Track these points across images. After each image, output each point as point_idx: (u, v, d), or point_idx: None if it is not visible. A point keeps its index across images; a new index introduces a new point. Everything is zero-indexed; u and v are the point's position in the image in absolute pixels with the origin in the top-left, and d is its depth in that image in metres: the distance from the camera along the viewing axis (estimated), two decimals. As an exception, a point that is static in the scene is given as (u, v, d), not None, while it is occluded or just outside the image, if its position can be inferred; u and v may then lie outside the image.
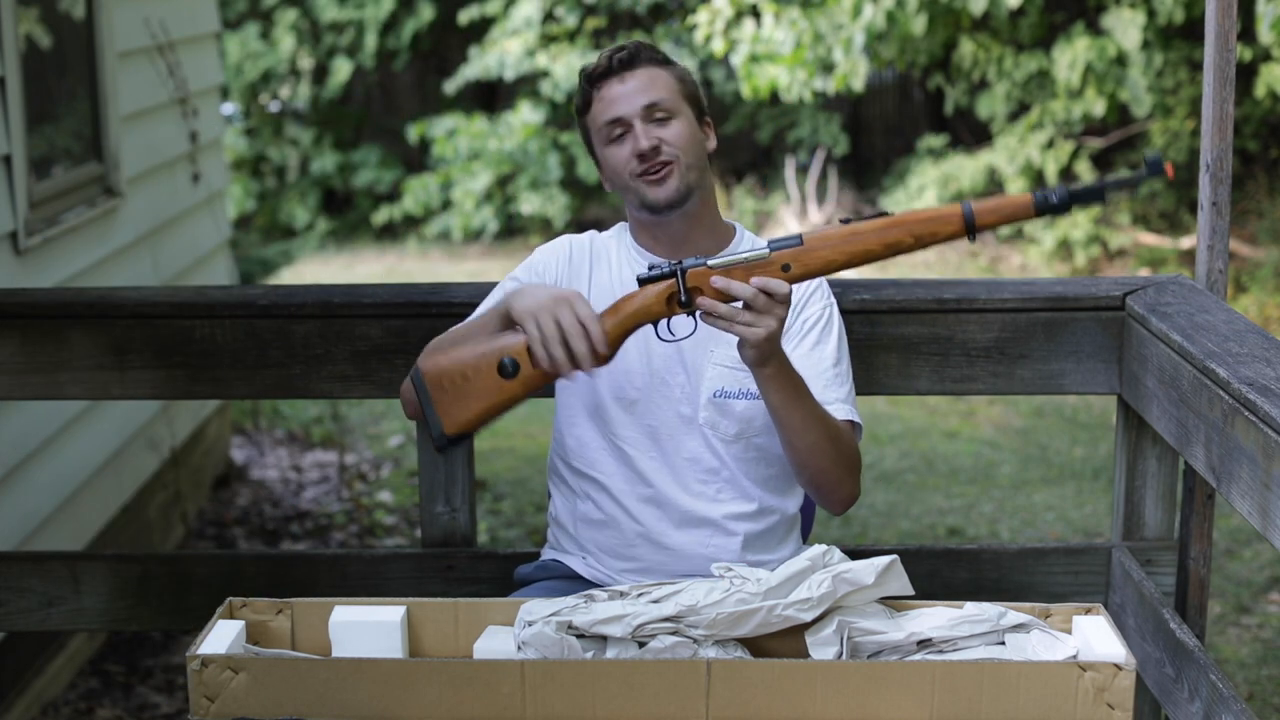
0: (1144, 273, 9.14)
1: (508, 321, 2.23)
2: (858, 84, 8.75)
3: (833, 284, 2.67)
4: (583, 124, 2.40)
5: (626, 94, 2.32)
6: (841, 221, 2.16)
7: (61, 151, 4.53)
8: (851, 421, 2.36)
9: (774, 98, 10.18)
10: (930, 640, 2.06)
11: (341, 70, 11.62)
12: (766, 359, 2.17)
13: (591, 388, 2.39)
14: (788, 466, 2.46)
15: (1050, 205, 2.07)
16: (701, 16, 8.71)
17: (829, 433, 2.28)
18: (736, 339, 2.17)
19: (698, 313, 2.17)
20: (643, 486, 2.39)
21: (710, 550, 2.38)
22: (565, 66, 10.76)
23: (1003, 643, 2.07)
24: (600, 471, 2.41)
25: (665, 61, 2.38)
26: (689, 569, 2.35)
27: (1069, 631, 2.08)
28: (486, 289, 2.82)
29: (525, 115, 11.00)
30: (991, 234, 10.54)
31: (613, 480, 2.40)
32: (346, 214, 12.11)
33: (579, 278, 2.41)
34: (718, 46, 8.69)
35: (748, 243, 2.44)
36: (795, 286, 2.38)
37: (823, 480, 2.32)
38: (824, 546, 2.12)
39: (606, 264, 2.43)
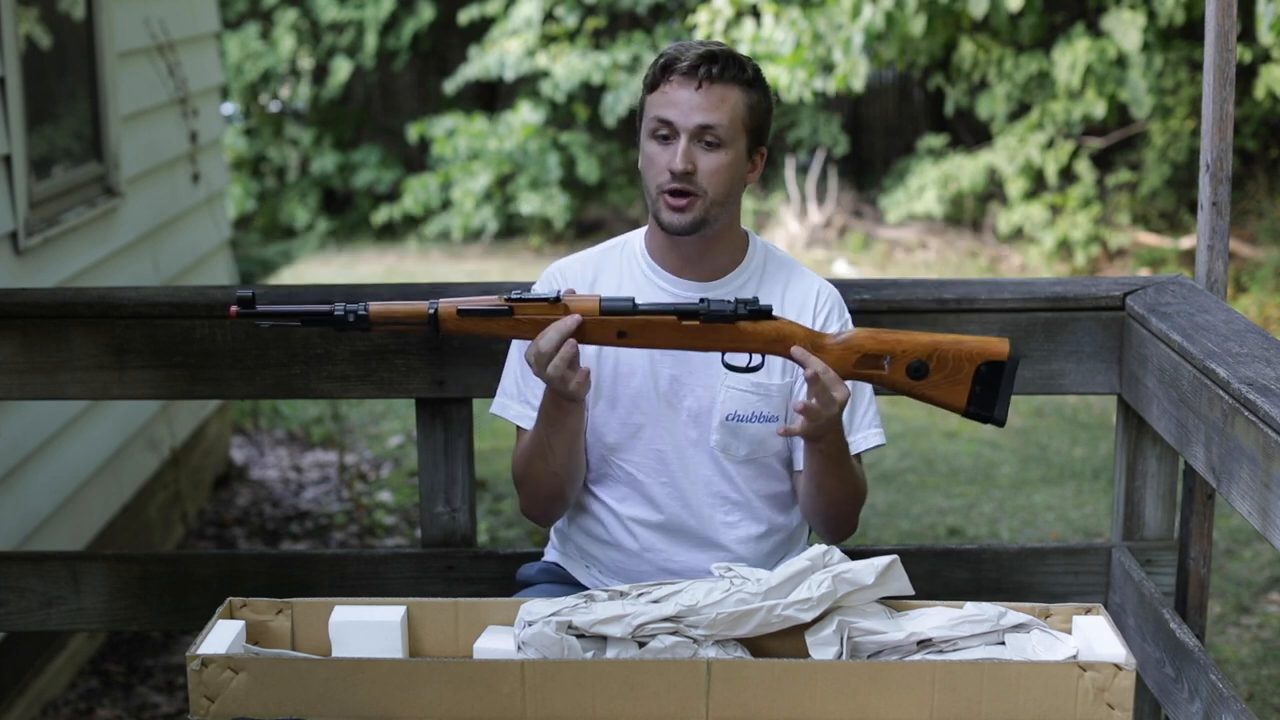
0: (1144, 273, 9.14)
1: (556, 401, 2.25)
2: (858, 84, 8.74)
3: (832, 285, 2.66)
4: (641, 98, 2.31)
5: (690, 104, 2.22)
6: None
7: (61, 151, 4.53)
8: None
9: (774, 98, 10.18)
10: (930, 640, 2.06)
11: (341, 70, 11.62)
12: (824, 435, 2.21)
13: (598, 417, 2.37)
14: (792, 487, 2.45)
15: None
16: (701, 16, 8.70)
17: (855, 486, 2.33)
18: (797, 411, 2.20)
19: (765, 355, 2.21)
20: (652, 512, 2.38)
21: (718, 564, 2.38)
22: (565, 66, 10.76)
23: (1003, 643, 2.07)
24: (610, 496, 2.40)
25: (750, 82, 2.26)
26: None
27: (1069, 631, 2.08)
28: (487, 289, 2.82)
29: (525, 115, 11.00)
30: (991, 233, 10.54)
31: (621, 505, 2.39)
32: (346, 214, 12.10)
33: (600, 292, 2.37)
34: (718, 46, 8.67)
35: (760, 253, 2.40)
36: (813, 304, 2.38)
37: (831, 521, 2.38)
38: (824, 546, 2.12)
39: (613, 277, 2.38)
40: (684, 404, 2.35)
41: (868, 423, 2.40)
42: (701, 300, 2.17)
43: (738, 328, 2.17)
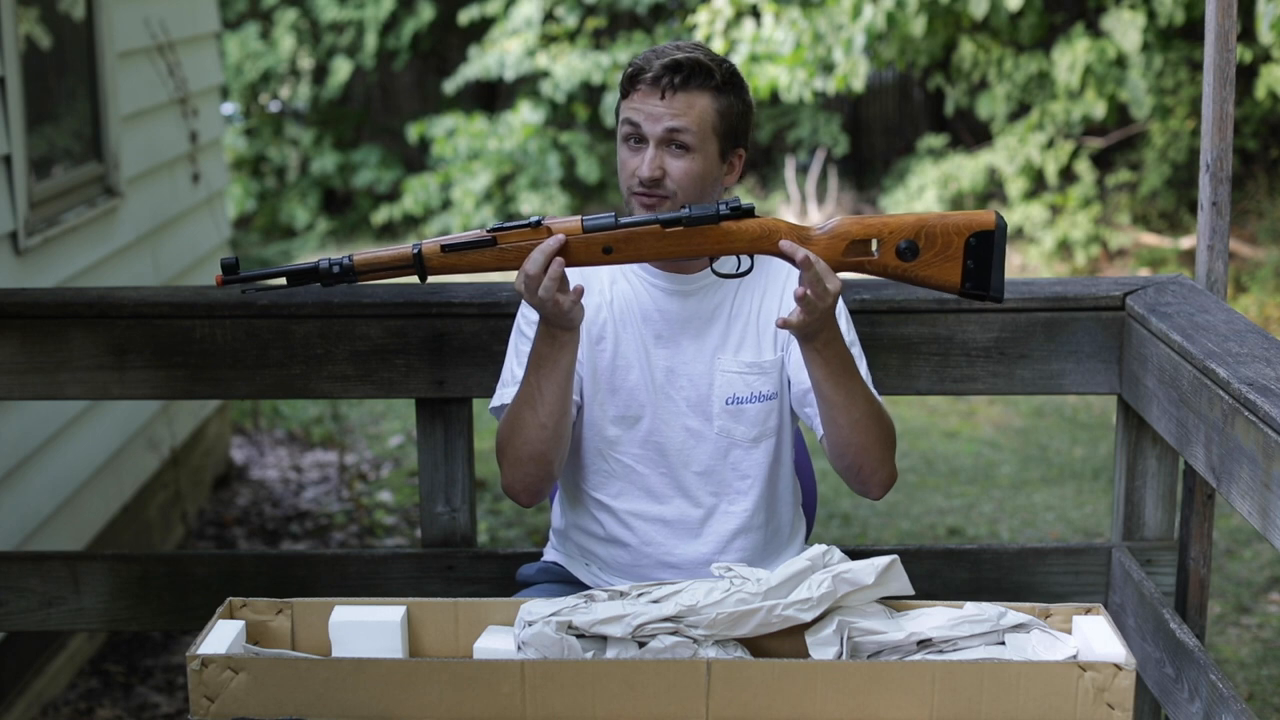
0: (1144, 273, 9.14)
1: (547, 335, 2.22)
2: (858, 84, 8.75)
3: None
4: (618, 103, 2.34)
5: (656, 112, 2.25)
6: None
7: (61, 151, 4.53)
8: None
9: (774, 98, 10.17)
10: (930, 640, 2.06)
11: (341, 70, 11.62)
12: (818, 331, 2.16)
13: (595, 410, 2.37)
14: (792, 472, 2.46)
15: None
16: (701, 16, 8.70)
17: (872, 409, 2.26)
18: (778, 322, 2.16)
19: (753, 257, 2.18)
20: (650, 504, 2.38)
21: (718, 563, 2.37)
22: (565, 66, 10.76)
23: (1003, 643, 2.07)
24: (606, 493, 2.40)
25: (719, 87, 2.27)
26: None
27: (1069, 631, 2.08)
28: (486, 289, 2.83)
29: (525, 115, 11.01)
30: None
31: (619, 501, 2.39)
32: (346, 214, 12.10)
33: (591, 290, 2.38)
34: (718, 46, 8.68)
35: None
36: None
37: (864, 460, 2.29)
38: (824, 546, 2.12)
39: (605, 275, 2.38)
40: (681, 394, 2.35)
41: (861, 374, 2.34)
42: (684, 208, 2.16)
43: (722, 228, 2.15)
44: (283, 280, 2.14)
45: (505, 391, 2.38)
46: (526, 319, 2.39)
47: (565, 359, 2.22)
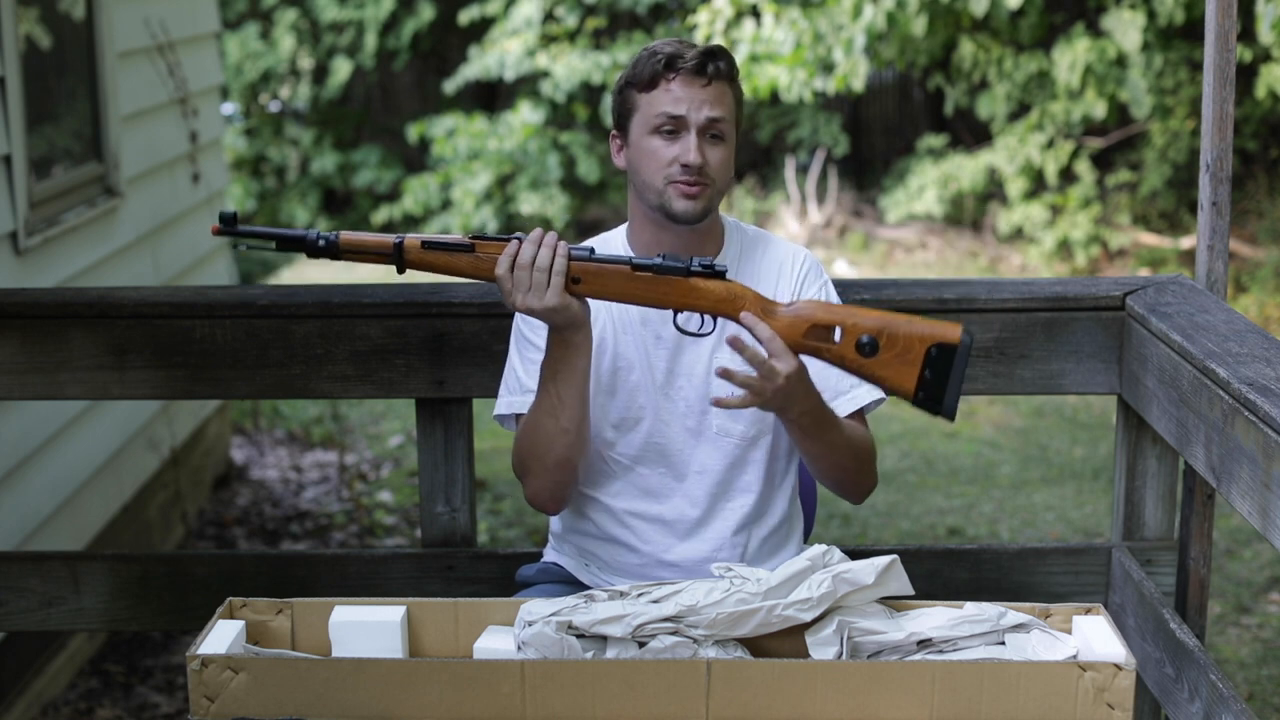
0: (1144, 273, 9.14)
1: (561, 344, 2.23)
2: (858, 84, 8.74)
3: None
4: (630, 96, 2.31)
5: (700, 99, 2.26)
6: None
7: (61, 151, 4.53)
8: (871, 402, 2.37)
9: (774, 98, 10.18)
10: (930, 640, 2.06)
11: (341, 70, 11.62)
12: (786, 407, 2.17)
13: (595, 413, 2.36)
14: (790, 465, 2.46)
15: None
16: (702, 16, 8.70)
17: (851, 447, 2.29)
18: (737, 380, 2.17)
19: (716, 318, 2.18)
20: (650, 504, 2.37)
21: (717, 560, 2.37)
22: (565, 66, 10.76)
23: (1003, 643, 2.07)
24: (605, 493, 2.39)
25: (735, 77, 2.33)
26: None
27: (1069, 631, 2.08)
28: (487, 289, 2.82)
29: (525, 115, 11.01)
30: (991, 233, 10.55)
31: (618, 501, 2.39)
32: (346, 214, 12.11)
33: None
34: (718, 46, 8.67)
35: (736, 235, 2.41)
36: (790, 266, 2.38)
37: (844, 479, 2.34)
38: (824, 546, 2.12)
39: None
40: (681, 394, 2.35)
41: (854, 380, 2.34)
42: (660, 256, 2.18)
43: (689, 283, 2.16)
44: (271, 244, 2.21)
45: (513, 400, 2.38)
46: (526, 320, 2.38)
47: (581, 361, 2.23)
